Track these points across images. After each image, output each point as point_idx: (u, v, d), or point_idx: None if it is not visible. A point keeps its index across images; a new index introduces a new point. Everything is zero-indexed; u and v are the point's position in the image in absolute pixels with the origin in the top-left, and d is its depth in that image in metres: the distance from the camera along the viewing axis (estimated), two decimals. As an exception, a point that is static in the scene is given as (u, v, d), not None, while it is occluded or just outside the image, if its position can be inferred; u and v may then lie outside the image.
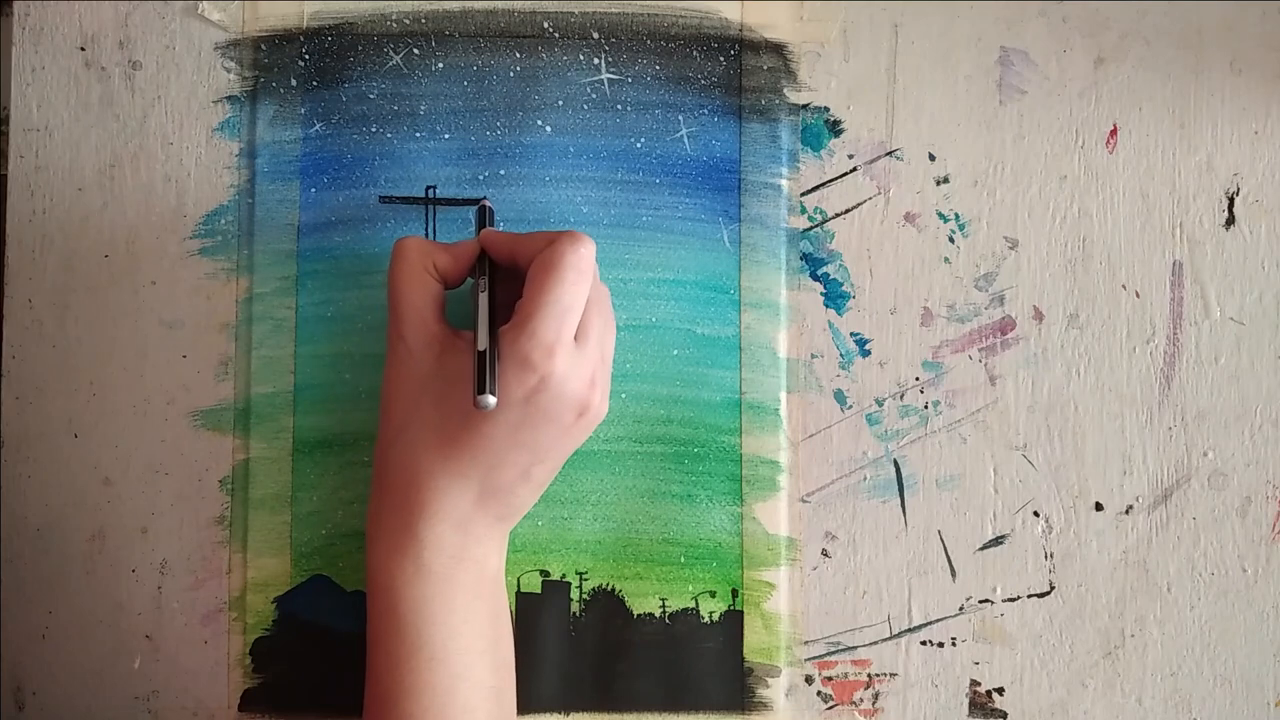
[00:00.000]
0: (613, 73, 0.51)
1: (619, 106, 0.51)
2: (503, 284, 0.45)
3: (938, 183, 0.52)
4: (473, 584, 0.44)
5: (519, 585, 0.50)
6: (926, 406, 0.51)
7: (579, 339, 0.43)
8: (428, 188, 0.50)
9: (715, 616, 0.50)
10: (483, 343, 0.43)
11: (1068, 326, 0.51)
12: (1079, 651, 0.51)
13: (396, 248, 0.45)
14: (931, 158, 0.52)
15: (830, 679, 0.51)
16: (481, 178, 0.51)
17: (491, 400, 0.41)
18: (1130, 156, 0.52)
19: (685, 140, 0.51)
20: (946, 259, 0.52)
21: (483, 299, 0.44)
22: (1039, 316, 0.51)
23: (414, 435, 0.44)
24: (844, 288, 0.52)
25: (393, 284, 0.45)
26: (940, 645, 0.51)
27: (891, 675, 0.51)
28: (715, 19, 0.52)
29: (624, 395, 0.51)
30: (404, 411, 0.44)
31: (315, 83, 0.51)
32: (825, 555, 0.51)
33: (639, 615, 0.50)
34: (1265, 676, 0.51)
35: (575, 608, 0.50)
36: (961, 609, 0.51)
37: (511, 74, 0.51)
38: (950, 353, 0.51)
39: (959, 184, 0.52)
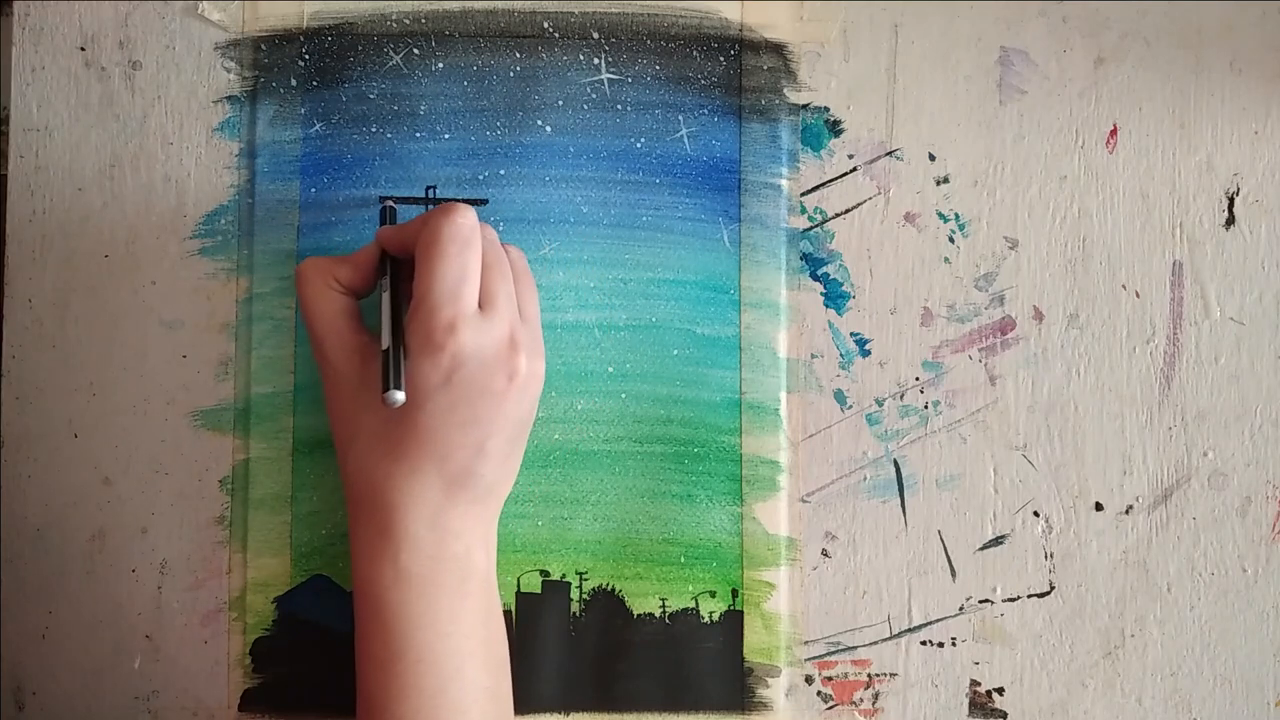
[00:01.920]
0: (613, 73, 0.51)
1: (619, 106, 0.51)
2: (409, 279, 0.45)
3: (938, 183, 0.52)
4: (457, 585, 0.44)
5: (519, 585, 0.50)
6: (926, 406, 0.51)
7: (484, 306, 0.43)
8: (428, 188, 0.50)
9: (715, 616, 0.50)
10: (385, 341, 0.43)
11: (1068, 326, 0.51)
12: (1079, 651, 0.51)
13: (297, 272, 0.46)
14: (931, 158, 0.52)
15: (830, 679, 0.51)
16: (481, 178, 0.51)
17: (399, 396, 0.42)
18: (1130, 156, 0.52)
19: (685, 140, 0.51)
20: (946, 259, 0.52)
21: (384, 299, 0.45)
22: (1039, 316, 0.51)
23: (363, 446, 0.44)
24: (844, 288, 0.52)
25: (302, 308, 0.46)
26: (940, 645, 0.51)
27: (891, 675, 0.51)
28: (715, 19, 0.52)
29: (624, 395, 0.51)
30: (347, 426, 0.45)
31: (315, 83, 0.51)
32: (825, 555, 0.51)
33: (639, 615, 0.50)
34: (1265, 676, 0.51)
35: (575, 608, 0.50)
36: (961, 609, 0.51)
37: (511, 74, 0.51)
38: (950, 353, 0.51)
39: (959, 184, 0.52)
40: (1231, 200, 0.52)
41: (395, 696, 0.42)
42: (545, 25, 0.51)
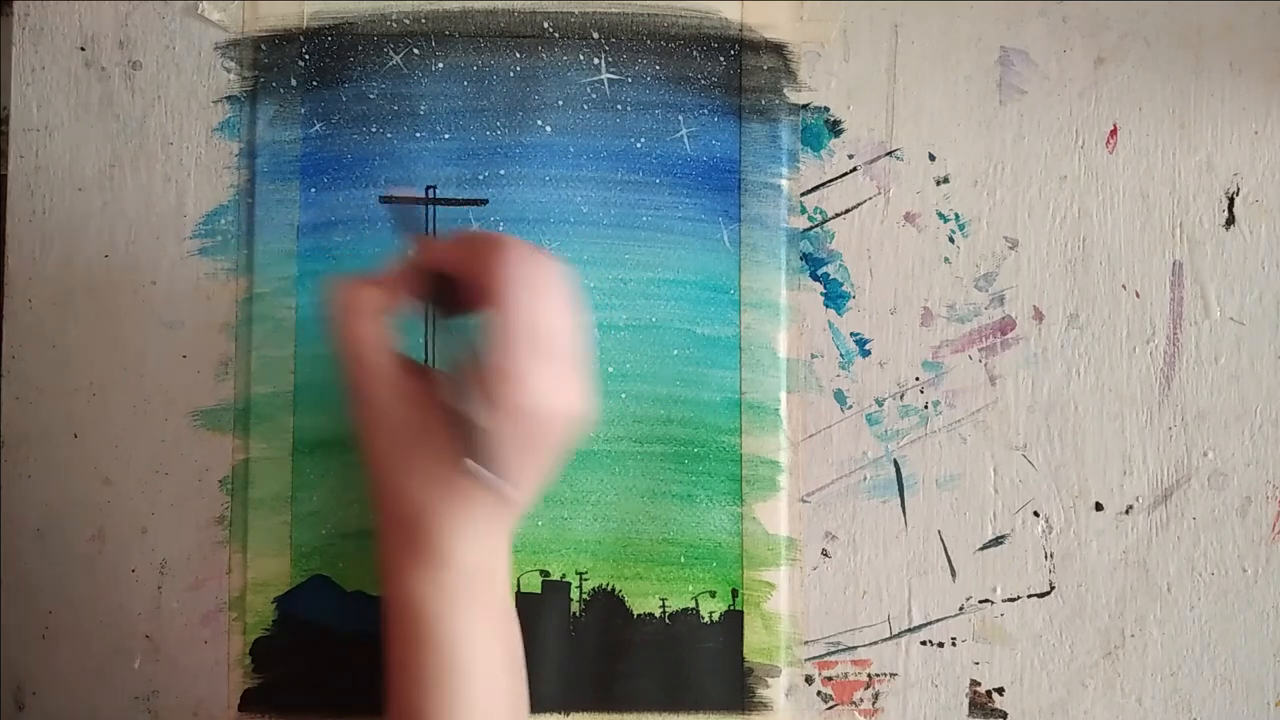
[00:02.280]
0: (613, 73, 0.51)
1: (619, 106, 0.51)
2: (448, 291, 0.43)
3: (938, 183, 0.52)
4: (491, 596, 0.44)
5: (519, 585, 0.50)
6: (926, 406, 0.51)
7: (548, 351, 0.42)
8: (428, 188, 0.50)
9: (715, 616, 0.50)
10: (458, 400, 0.41)
11: (1068, 326, 0.51)
12: (1079, 651, 0.51)
13: (337, 300, 0.43)
14: (931, 158, 0.52)
15: (830, 679, 0.51)
16: (481, 178, 0.51)
17: (482, 470, 0.40)
18: (1130, 156, 0.52)
19: (685, 140, 0.51)
20: (946, 259, 0.52)
21: (440, 339, 0.43)
22: (1039, 316, 0.51)
23: (414, 480, 0.42)
24: (844, 288, 0.52)
25: (341, 340, 0.43)
26: (940, 645, 0.51)
27: (891, 675, 0.51)
28: (715, 19, 0.52)
29: (624, 395, 0.51)
30: (389, 458, 0.43)
31: (315, 83, 0.51)
32: (825, 555, 0.51)
33: (639, 615, 0.50)
34: (1265, 676, 0.51)
35: (575, 608, 0.50)
36: (961, 609, 0.51)
37: (511, 74, 0.51)
38: (950, 353, 0.51)
39: (959, 184, 0.52)
40: (1231, 200, 0.52)
41: (433, 711, 0.42)
42: (545, 25, 0.51)
